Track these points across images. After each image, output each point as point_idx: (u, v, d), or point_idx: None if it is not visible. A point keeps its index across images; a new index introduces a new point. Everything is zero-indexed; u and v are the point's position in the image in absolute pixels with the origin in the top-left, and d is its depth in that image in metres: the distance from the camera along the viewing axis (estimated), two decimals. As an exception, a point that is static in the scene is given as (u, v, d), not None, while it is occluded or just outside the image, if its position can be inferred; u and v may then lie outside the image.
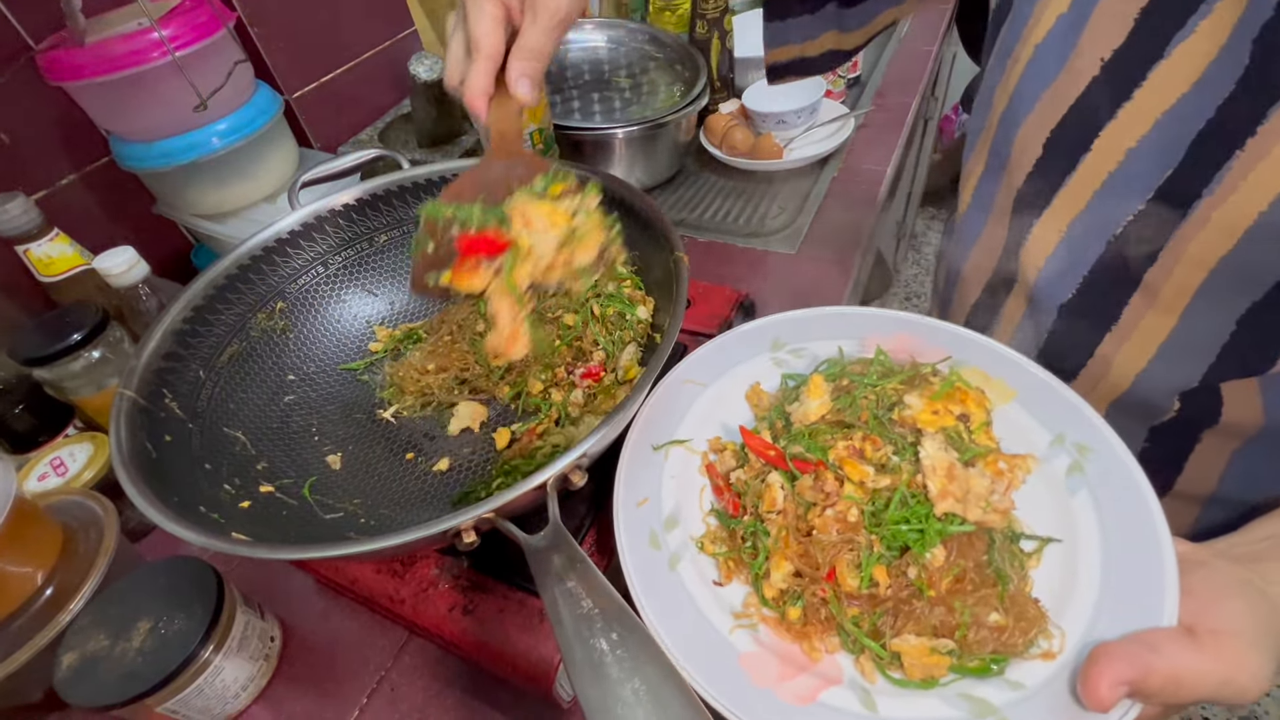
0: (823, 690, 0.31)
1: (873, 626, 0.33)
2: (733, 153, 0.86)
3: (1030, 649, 0.31)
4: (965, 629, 0.31)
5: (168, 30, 0.56)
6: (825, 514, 0.35)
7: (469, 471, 0.48)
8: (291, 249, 0.53)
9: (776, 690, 0.31)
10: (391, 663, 0.46)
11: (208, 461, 0.42)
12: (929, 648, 0.31)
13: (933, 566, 0.33)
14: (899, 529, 0.33)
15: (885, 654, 0.32)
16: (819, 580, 0.34)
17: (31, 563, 0.43)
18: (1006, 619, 0.31)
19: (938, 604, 0.32)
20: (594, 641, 0.26)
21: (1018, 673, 0.30)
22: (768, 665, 0.32)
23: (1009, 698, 0.30)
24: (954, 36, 1.45)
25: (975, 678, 0.31)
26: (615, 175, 0.52)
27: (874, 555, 0.33)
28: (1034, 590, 0.33)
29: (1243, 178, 0.33)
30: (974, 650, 0.31)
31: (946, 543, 0.33)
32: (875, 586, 0.33)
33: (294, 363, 0.52)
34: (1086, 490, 0.35)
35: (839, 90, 0.99)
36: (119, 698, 0.37)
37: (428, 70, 0.78)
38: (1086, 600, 0.32)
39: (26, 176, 0.63)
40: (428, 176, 0.56)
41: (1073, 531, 0.34)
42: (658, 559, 0.36)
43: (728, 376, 0.45)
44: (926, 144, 1.63)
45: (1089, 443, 0.37)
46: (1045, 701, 0.29)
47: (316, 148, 0.84)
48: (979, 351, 0.42)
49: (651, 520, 0.38)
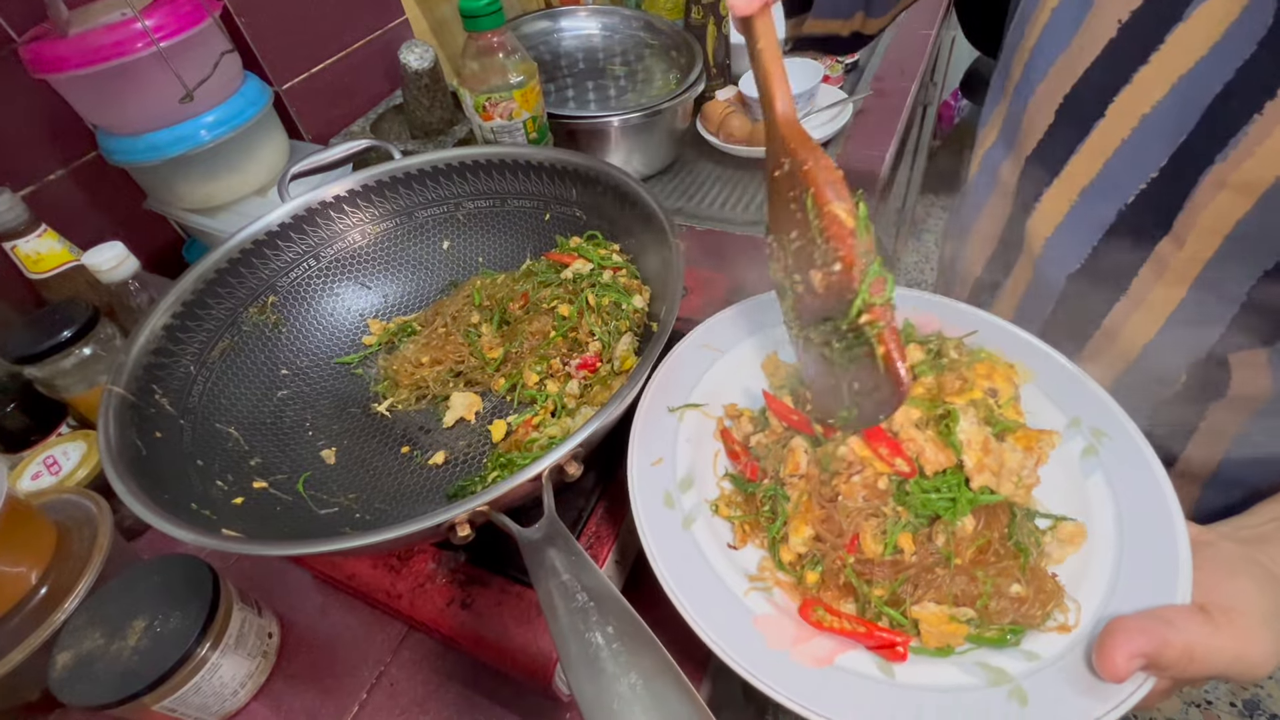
0: (840, 654, 0.31)
1: (892, 594, 0.33)
2: (730, 140, 0.85)
3: (1047, 622, 0.31)
4: (987, 598, 0.32)
5: (151, 20, 0.55)
6: (852, 480, 0.34)
7: (465, 465, 0.47)
8: (282, 242, 0.52)
9: (792, 652, 0.31)
10: (390, 657, 0.45)
11: (200, 458, 0.42)
12: (948, 616, 0.31)
13: (961, 535, 0.33)
14: (929, 497, 0.33)
15: (905, 621, 0.32)
16: (839, 547, 0.34)
17: (25, 562, 0.42)
18: (1027, 590, 0.31)
19: (961, 573, 0.32)
20: (589, 635, 0.25)
21: (1033, 644, 0.31)
22: (783, 628, 0.32)
23: (1025, 668, 0.30)
24: (953, 20, 1.43)
25: (992, 648, 0.31)
26: (612, 164, 0.51)
27: (901, 523, 0.33)
28: (1050, 567, 0.33)
29: (1259, 142, 0.32)
30: (994, 620, 0.31)
31: (975, 513, 0.33)
32: (899, 554, 0.33)
33: (287, 357, 0.51)
34: (1101, 473, 0.35)
35: (836, 75, 0.98)
36: (115, 696, 0.37)
37: (418, 59, 0.76)
38: (1101, 577, 0.32)
39: (13, 172, 0.62)
40: (419, 167, 0.55)
41: (1087, 512, 0.34)
42: (671, 518, 0.36)
43: (745, 344, 0.45)
44: (926, 130, 1.62)
45: (1104, 427, 0.37)
46: (1060, 672, 0.29)
47: (308, 140, 0.83)
48: (998, 334, 0.42)
49: (666, 481, 0.38)
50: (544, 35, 0.92)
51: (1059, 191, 0.42)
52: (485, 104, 0.66)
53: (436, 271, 0.58)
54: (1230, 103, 0.33)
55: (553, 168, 0.54)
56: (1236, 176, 0.33)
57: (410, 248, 0.57)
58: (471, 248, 0.58)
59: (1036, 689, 0.29)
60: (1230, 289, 0.35)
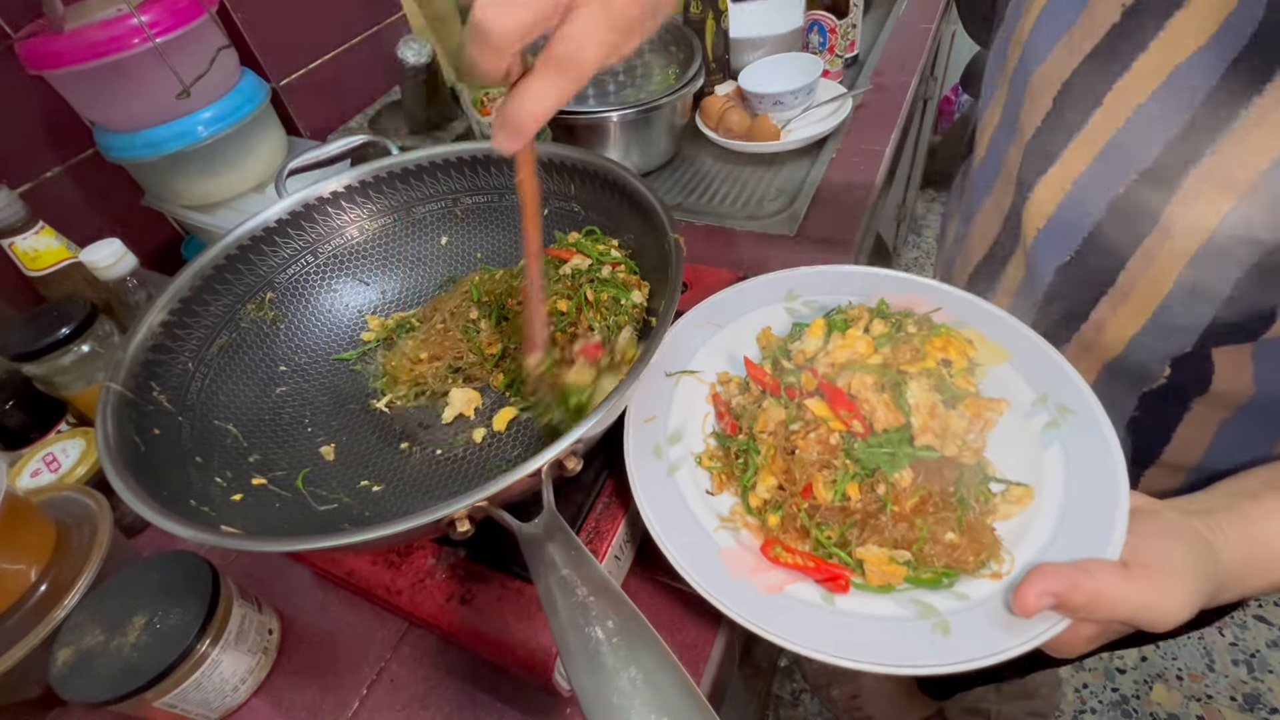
0: (790, 584, 0.35)
1: (841, 536, 0.37)
2: (729, 135, 0.85)
3: (981, 569, 0.34)
4: (922, 543, 0.35)
5: (147, 16, 0.55)
6: (808, 436, 0.38)
7: (463, 461, 0.47)
8: (280, 238, 0.52)
9: (750, 581, 0.35)
10: (391, 653, 0.45)
11: (198, 454, 0.42)
12: (888, 557, 0.35)
13: (899, 486, 0.36)
14: (874, 452, 0.37)
15: (851, 560, 0.36)
16: (796, 494, 0.38)
17: (25, 559, 0.42)
18: (961, 539, 0.35)
19: (901, 520, 0.36)
20: (589, 630, 0.25)
21: (966, 588, 0.34)
22: (744, 560, 0.36)
23: (954, 606, 0.33)
24: (953, 15, 1.42)
25: (928, 589, 0.34)
26: (611, 159, 0.51)
27: (849, 474, 0.37)
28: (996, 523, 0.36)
29: (1245, 138, 0.32)
30: (928, 562, 0.35)
31: (915, 467, 0.37)
32: (847, 501, 0.37)
33: (285, 354, 0.51)
34: (1059, 445, 0.38)
35: (836, 70, 0.98)
36: (116, 693, 0.37)
37: (415, 55, 0.76)
38: (1041, 535, 0.35)
39: (10, 169, 0.62)
40: (417, 162, 0.55)
41: (1040, 479, 0.37)
42: (658, 466, 0.41)
43: (742, 320, 0.49)
44: (926, 125, 1.61)
45: (1071, 404, 0.40)
46: (984, 611, 0.33)
47: (305, 136, 0.83)
48: (981, 315, 0.45)
49: (657, 435, 0.43)
50: (542, 30, 0.92)
51: (1053, 181, 0.41)
52: (483, 99, 0.66)
53: (435, 267, 0.58)
54: (1222, 96, 0.32)
55: (551, 163, 0.54)
56: (1222, 171, 0.33)
57: (408, 243, 0.57)
58: (470, 243, 0.58)
59: (960, 623, 0.32)
60: (1215, 284, 0.35)
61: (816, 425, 0.39)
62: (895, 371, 0.40)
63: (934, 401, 0.38)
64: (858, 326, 0.43)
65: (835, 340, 0.42)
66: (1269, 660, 1.16)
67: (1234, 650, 1.17)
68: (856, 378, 0.39)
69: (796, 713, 1.19)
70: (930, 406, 0.38)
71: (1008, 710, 1.08)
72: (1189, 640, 1.19)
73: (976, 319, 0.45)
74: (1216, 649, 1.18)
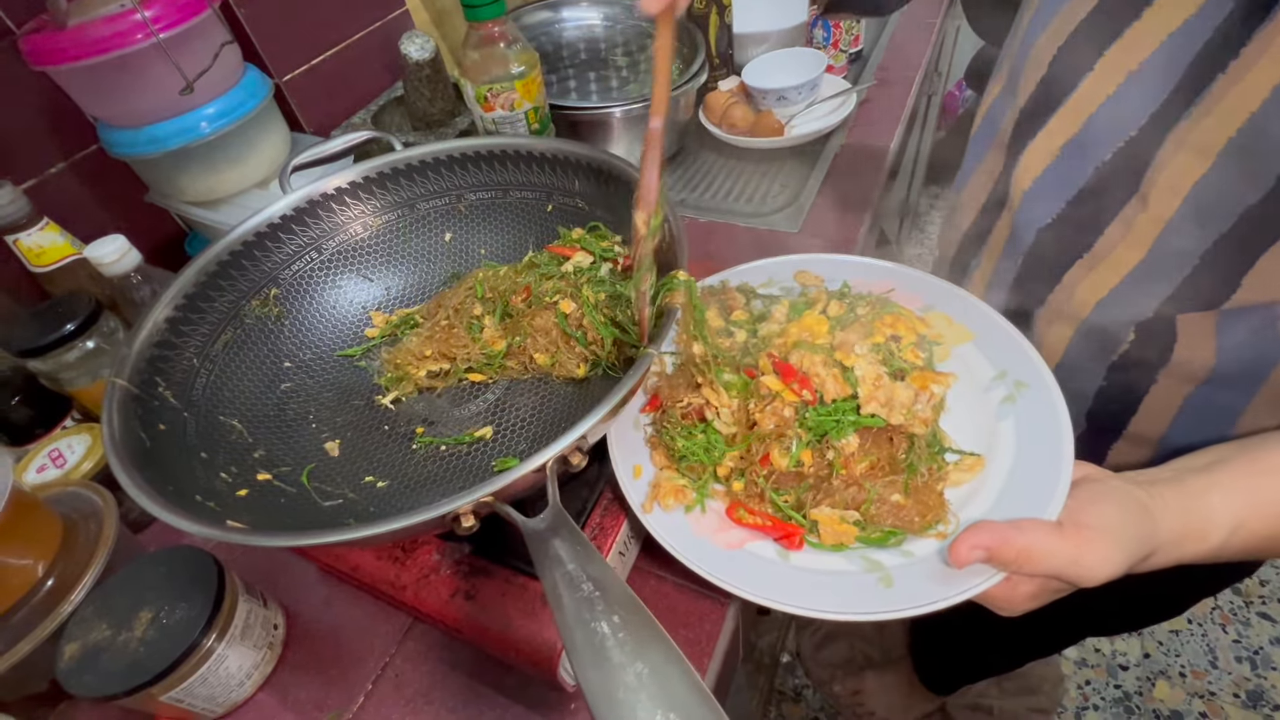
0: (749, 542, 0.39)
1: (797, 500, 0.40)
2: (733, 131, 0.84)
3: (928, 530, 0.37)
4: (870, 504, 0.38)
5: (150, 11, 0.55)
6: (765, 410, 0.41)
7: (467, 455, 0.47)
8: (284, 234, 0.52)
9: (712, 539, 0.39)
10: (396, 648, 0.45)
11: (204, 450, 0.42)
12: (839, 517, 0.38)
13: (846, 451, 0.39)
14: (824, 420, 0.40)
15: (805, 522, 0.39)
16: (755, 463, 0.41)
17: (32, 555, 0.43)
18: (907, 501, 0.38)
19: (851, 484, 0.39)
20: (595, 625, 0.25)
21: (913, 546, 0.37)
22: (708, 522, 0.40)
23: (899, 562, 0.36)
24: (957, 10, 1.42)
25: (877, 547, 0.37)
26: (615, 154, 0.50)
27: (802, 442, 0.40)
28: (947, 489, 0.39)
29: (1218, 101, 0.32)
30: (876, 522, 0.38)
31: (861, 433, 0.39)
32: (801, 466, 0.40)
33: (290, 350, 0.51)
34: (1014, 418, 0.41)
35: (840, 65, 0.97)
36: (122, 687, 0.37)
37: (419, 50, 0.76)
38: (987, 500, 0.38)
39: (14, 165, 0.62)
40: (421, 158, 0.55)
41: (992, 449, 0.40)
42: (636, 437, 0.45)
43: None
44: (930, 121, 1.60)
45: (1027, 380, 0.42)
46: (926, 567, 0.36)
47: (309, 132, 0.82)
48: (950, 299, 0.49)
49: (632, 407, 0.46)
50: (545, 25, 0.91)
51: (1042, 145, 0.42)
52: (487, 95, 0.66)
53: (438, 264, 0.58)
54: (1204, 63, 0.32)
55: (555, 159, 0.54)
56: (1195, 136, 0.33)
57: (412, 240, 0.57)
58: (474, 239, 0.58)
59: (903, 577, 0.35)
60: (1185, 251, 0.36)
61: (772, 399, 0.41)
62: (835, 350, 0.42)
63: (879, 374, 0.40)
64: (815, 309, 0.46)
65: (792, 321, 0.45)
66: (1272, 657, 1.15)
67: (1237, 647, 1.17)
68: (806, 356, 0.42)
69: (799, 708, 1.20)
70: (875, 378, 0.40)
71: (1010, 706, 1.08)
72: (1192, 637, 1.19)
73: (944, 302, 0.48)
74: (1220, 646, 1.18)
